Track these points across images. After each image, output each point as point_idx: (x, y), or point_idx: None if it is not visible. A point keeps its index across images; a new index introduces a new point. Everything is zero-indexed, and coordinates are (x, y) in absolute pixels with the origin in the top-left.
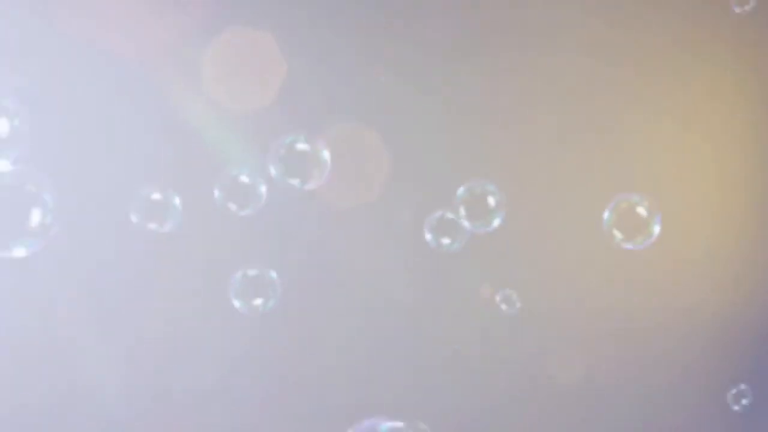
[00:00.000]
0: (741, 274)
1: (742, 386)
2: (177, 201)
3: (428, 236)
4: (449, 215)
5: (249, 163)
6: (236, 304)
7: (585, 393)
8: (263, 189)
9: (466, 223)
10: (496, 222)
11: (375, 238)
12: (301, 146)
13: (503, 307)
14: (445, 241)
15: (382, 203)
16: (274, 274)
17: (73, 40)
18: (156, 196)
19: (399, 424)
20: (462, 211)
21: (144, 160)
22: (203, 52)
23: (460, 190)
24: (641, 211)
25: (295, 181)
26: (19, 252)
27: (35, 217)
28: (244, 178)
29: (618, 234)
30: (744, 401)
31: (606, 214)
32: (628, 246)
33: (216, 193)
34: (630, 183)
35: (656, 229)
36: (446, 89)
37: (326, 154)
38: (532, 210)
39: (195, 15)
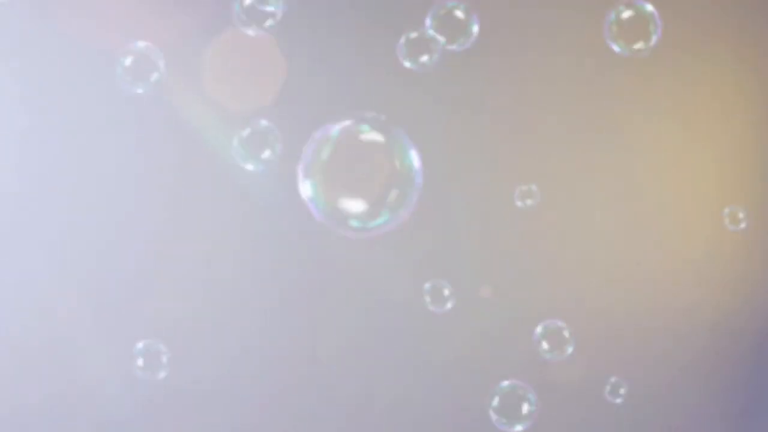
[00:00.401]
0: (741, 274)
1: None
2: (154, 53)
3: (407, 64)
4: (413, 34)
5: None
6: (250, 167)
7: (585, 393)
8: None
9: (452, 47)
10: (474, 30)
11: (375, 239)
12: None
13: (528, 202)
14: (424, 59)
15: None
16: (265, 122)
17: (73, 40)
18: (128, 61)
19: (347, 122)
20: (439, 38)
21: (144, 160)
22: (203, 52)
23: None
24: (630, 13)
25: None
26: None
27: None
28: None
29: (640, 45)
30: None
31: (617, 49)
32: (654, 40)
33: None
34: (629, 183)
35: (649, 7)
36: (446, 89)
37: None
38: (531, 210)
39: (195, 15)
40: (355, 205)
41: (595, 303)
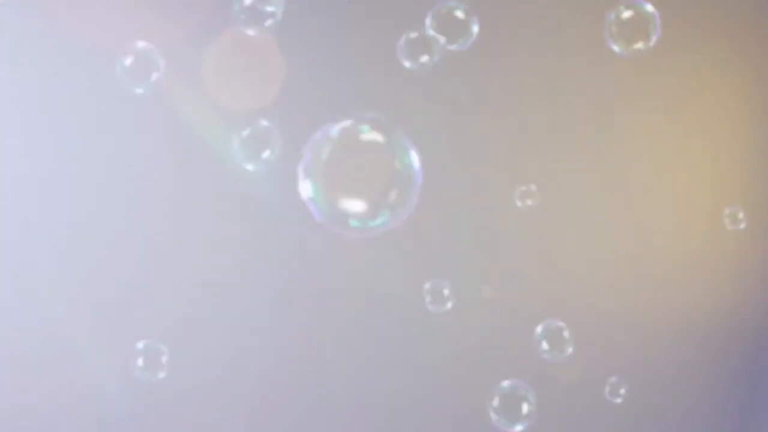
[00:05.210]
0: (739, 273)
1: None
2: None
3: (407, 64)
4: (413, 34)
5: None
6: (250, 167)
7: (585, 393)
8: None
9: (452, 47)
10: (474, 29)
11: (375, 239)
12: None
13: (528, 202)
14: (424, 59)
15: None
16: (265, 122)
17: (73, 40)
18: (128, 61)
19: (347, 122)
20: (439, 38)
21: (144, 160)
22: (203, 52)
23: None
24: (630, 13)
25: None
26: None
27: None
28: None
29: (639, 45)
30: None
31: (617, 49)
32: (654, 40)
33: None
34: (629, 183)
35: (649, 7)
36: (446, 89)
37: None
38: (531, 210)
39: (195, 15)
40: (354, 205)
41: (595, 303)
